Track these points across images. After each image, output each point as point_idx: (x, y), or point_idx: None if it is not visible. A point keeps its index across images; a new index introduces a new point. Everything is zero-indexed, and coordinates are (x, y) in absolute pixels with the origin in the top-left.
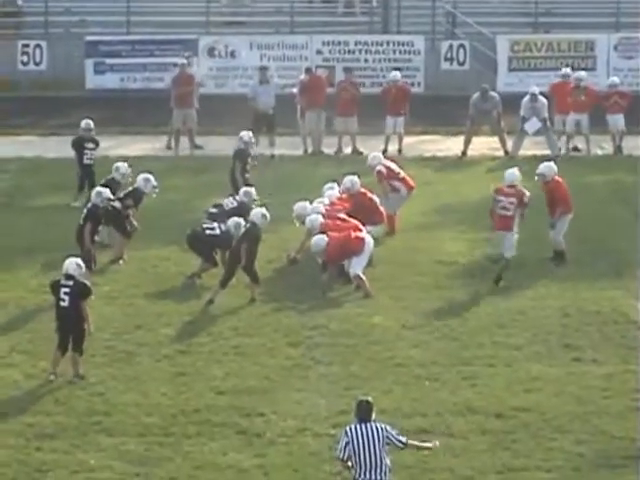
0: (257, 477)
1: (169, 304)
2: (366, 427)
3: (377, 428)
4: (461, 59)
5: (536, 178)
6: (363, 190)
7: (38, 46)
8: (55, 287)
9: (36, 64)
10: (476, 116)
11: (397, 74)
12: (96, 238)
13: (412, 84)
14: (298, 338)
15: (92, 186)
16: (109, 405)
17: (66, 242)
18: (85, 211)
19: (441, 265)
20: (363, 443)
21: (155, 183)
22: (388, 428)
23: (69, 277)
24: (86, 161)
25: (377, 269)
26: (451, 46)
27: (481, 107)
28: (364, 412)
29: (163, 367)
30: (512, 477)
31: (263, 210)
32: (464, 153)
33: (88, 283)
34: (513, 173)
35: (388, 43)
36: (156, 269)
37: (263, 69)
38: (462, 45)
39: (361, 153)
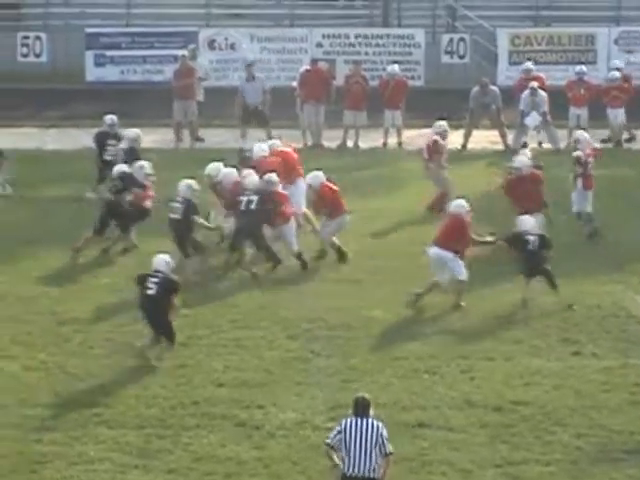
0: (256, 469)
1: None
2: (362, 422)
3: (373, 425)
4: (461, 52)
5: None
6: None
7: (38, 38)
8: (142, 279)
9: (36, 56)
10: (476, 109)
11: (395, 67)
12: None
13: (412, 77)
14: (297, 331)
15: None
16: (108, 397)
17: (66, 233)
18: (182, 207)
19: None
20: (355, 436)
21: (149, 171)
22: (384, 431)
23: (157, 272)
24: (107, 157)
25: (377, 261)
26: (451, 39)
27: (481, 100)
28: (361, 408)
29: (162, 359)
30: (511, 470)
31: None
32: (464, 146)
33: (176, 278)
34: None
35: (388, 36)
36: None
37: (249, 66)
38: (462, 38)
39: (358, 147)
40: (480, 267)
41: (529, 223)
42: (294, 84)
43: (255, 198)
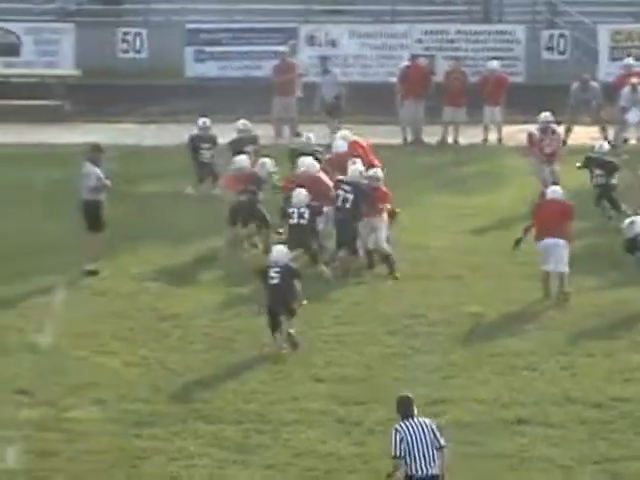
0: (356, 465)
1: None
2: (414, 422)
3: (425, 423)
4: (562, 48)
5: None
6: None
7: (138, 34)
8: (264, 272)
9: (136, 52)
10: (576, 106)
11: (495, 64)
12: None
13: (512, 74)
14: (397, 327)
15: (215, 178)
16: (207, 392)
17: (164, 229)
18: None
19: None
20: (416, 437)
21: (272, 169)
22: (434, 425)
23: (277, 262)
24: (202, 159)
25: (477, 258)
26: (552, 35)
27: (581, 97)
28: (407, 407)
29: (261, 354)
30: (610, 467)
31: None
32: (564, 142)
33: (295, 266)
34: None
35: (489, 32)
36: None
37: (324, 59)
38: (563, 34)
39: (458, 143)
40: (584, 264)
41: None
42: (394, 80)
43: (351, 196)
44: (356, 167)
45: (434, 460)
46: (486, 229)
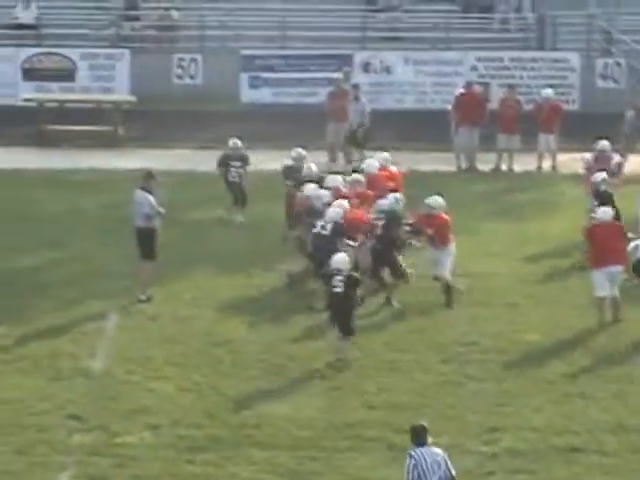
0: None
1: (319, 317)
2: (428, 449)
3: (438, 452)
4: (616, 76)
5: None
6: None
7: (193, 60)
8: (328, 276)
9: (191, 78)
10: (631, 134)
11: (549, 91)
12: None
13: (567, 101)
14: (450, 354)
15: (243, 200)
16: (261, 418)
17: (216, 255)
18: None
19: None
20: (431, 463)
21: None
22: (446, 455)
23: (340, 270)
24: (231, 179)
25: (532, 285)
26: (607, 63)
27: (636, 125)
28: (421, 436)
29: (315, 381)
30: None
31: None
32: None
33: (357, 274)
34: None
35: (543, 60)
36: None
37: (355, 87)
38: (618, 62)
39: (512, 171)
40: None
41: None
42: (449, 107)
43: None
44: (392, 196)
45: None
46: (540, 256)
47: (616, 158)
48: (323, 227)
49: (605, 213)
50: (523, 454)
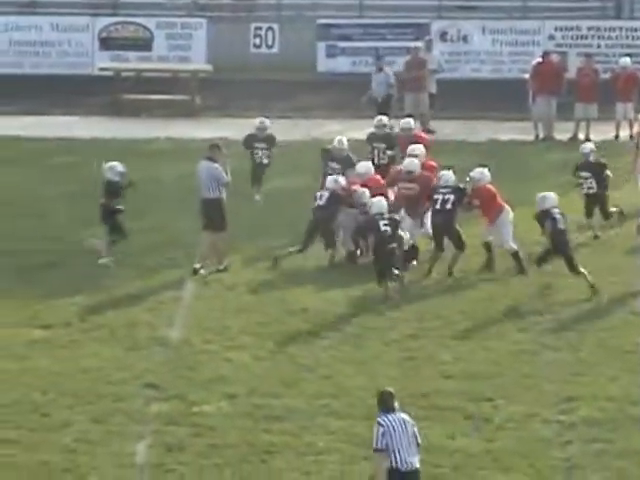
0: (485, 462)
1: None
2: (395, 415)
3: (405, 419)
4: None
5: None
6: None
7: (270, 29)
8: (368, 226)
9: (268, 47)
10: None
11: (627, 60)
12: None
13: None
14: (526, 323)
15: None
16: (337, 388)
17: (290, 225)
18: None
19: None
20: (399, 430)
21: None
22: (412, 421)
23: (381, 214)
24: (257, 159)
25: (604, 257)
26: None
27: None
28: (388, 402)
29: (391, 351)
30: None
31: None
32: None
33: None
34: None
35: (621, 29)
36: None
37: (379, 58)
38: None
39: (589, 140)
40: None
41: None
42: (526, 76)
43: (452, 197)
44: (449, 173)
45: (415, 455)
46: (616, 226)
47: None
48: (320, 197)
49: None
50: (600, 423)
